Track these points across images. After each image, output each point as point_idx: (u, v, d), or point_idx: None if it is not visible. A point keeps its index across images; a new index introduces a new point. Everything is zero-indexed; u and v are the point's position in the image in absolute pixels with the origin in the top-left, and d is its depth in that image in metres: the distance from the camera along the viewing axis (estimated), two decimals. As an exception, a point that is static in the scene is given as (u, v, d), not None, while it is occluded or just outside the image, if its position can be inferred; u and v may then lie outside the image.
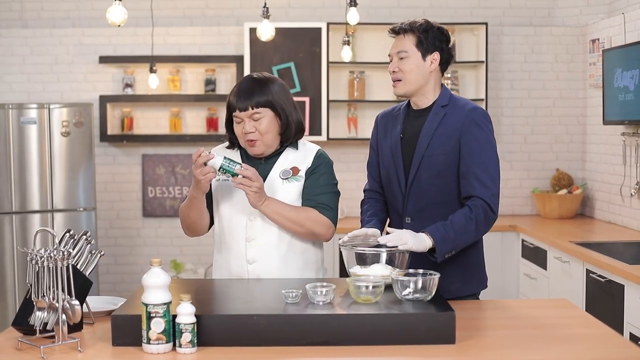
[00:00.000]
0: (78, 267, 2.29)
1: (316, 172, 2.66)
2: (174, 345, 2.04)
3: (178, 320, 2.02)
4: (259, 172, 2.52)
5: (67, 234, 2.32)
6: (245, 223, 2.62)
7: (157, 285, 2.03)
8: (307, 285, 2.23)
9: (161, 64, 5.70)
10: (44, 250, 2.10)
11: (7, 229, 5.10)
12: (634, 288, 3.53)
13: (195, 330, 2.02)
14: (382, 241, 2.50)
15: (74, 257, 2.25)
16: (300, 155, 2.68)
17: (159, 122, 5.85)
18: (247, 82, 2.63)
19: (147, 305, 2.01)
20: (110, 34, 5.79)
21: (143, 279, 2.04)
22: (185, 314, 2.02)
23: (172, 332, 2.03)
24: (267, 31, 4.36)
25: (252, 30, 5.48)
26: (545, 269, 4.72)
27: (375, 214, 2.84)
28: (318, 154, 2.70)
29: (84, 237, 2.35)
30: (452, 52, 2.79)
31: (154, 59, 5.60)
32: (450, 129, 2.67)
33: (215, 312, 2.17)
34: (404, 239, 2.48)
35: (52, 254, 2.08)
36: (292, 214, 2.58)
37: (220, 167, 2.46)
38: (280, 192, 2.62)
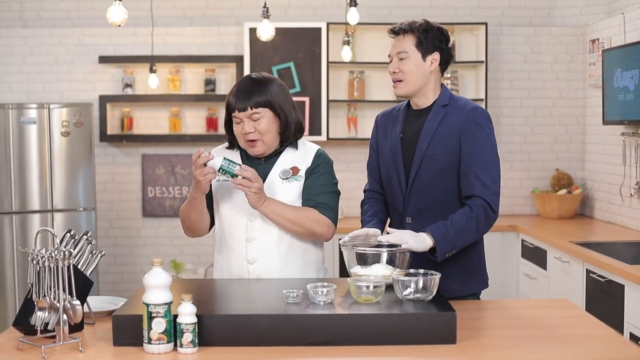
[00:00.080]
0: (79, 267, 2.29)
1: (316, 172, 2.65)
2: (175, 345, 2.04)
3: (179, 320, 2.02)
4: (258, 172, 2.52)
5: (68, 234, 2.32)
6: (245, 223, 2.62)
7: (158, 285, 2.03)
8: (308, 285, 2.23)
9: (161, 64, 5.70)
10: (45, 250, 2.10)
11: (7, 229, 5.10)
12: (634, 288, 3.53)
13: (197, 330, 2.02)
14: (382, 240, 2.50)
15: (74, 257, 2.26)
16: (300, 155, 2.68)
17: (159, 122, 5.85)
18: (246, 82, 2.63)
19: (148, 305, 2.02)
20: (110, 34, 5.79)
21: (144, 278, 2.05)
22: (187, 314, 2.02)
23: (173, 332, 2.03)
24: (267, 31, 4.36)
25: (252, 30, 5.48)
26: (545, 269, 4.72)
27: (375, 214, 2.84)
28: (318, 153, 2.70)
29: (84, 237, 2.35)
30: (452, 51, 2.80)
31: (153, 59, 5.60)
32: (450, 128, 2.68)
33: (216, 312, 2.17)
34: (405, 239, 2.48)
35: (53, 254, 2.08)
36: (292, 214, 2.57)
37: (220, 168, 2.46)
38: (280, 192, 2.62)
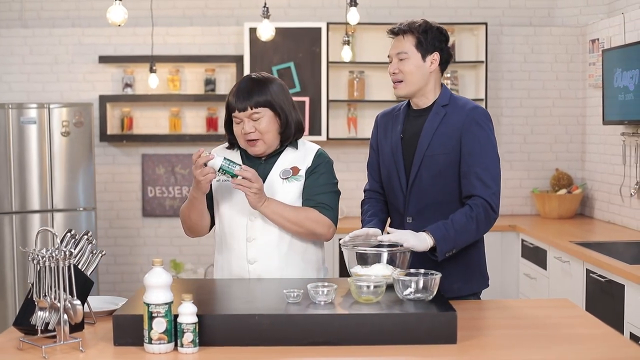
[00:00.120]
0: (79, 267, 2.29)
1: (316, 172, 2.65)
2: (176, 345, 2.04)
3: (180, 320, 2.02)
4: (259, 172, 2.52)
5: (69, 234, 2.32)
6: (245, 223, 2.62)
7: (159, 285, 2.03)
8: (308, 285, 2.23)
9: (161, 63, 5.70)
10: (46, 250, 2.10)
11: (7, 229, 5.10)
12: (634, 288, 3.53)
13: (197, 330, 2.02)
14: (382, 240, 2.50)
15: (75, 256, 2.26)
16: (300, 155, 2.68)
17: (159, 122, 5.85)
18: (246, 82, 2.63)
19: (149, 305, 2.02)
20: (110, 34, 5.78)
21: (145, 278, 2.05)
22: (187, 313, 2.02)
23: (174, 332, 2.03)
24: (267, 31, 4.36)
25: (252, 30, 5.48)
26: (545, 269, 4.72)
27: (375, 213, 2.84)
28: (318, 153, 2.70)
29: (85, 237, 2.35)
30: (452, 51, 2.80)
31: (153, 59, 5.59)
32: (450, 128, 2.68)
33: (216, 312, 2.17)
34: (405, 239, 2.48)
35: (53, 254, 2.08)
36: (292, 214, 2.57)
37: (220, 168, 2.46)
38: (280, 192, 2.61)
